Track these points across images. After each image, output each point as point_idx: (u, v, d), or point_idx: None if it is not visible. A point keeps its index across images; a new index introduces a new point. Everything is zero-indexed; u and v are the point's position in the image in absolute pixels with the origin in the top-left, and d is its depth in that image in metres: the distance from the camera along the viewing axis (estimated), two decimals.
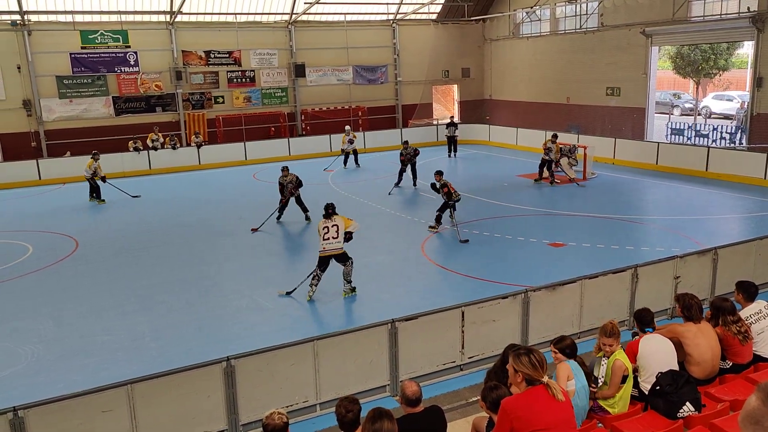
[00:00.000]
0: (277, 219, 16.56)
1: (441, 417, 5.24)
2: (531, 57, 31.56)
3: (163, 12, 27.07)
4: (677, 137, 27.43)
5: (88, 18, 26.22)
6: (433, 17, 33.48)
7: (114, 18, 26.43)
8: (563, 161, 20.60)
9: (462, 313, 8.04)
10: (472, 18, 32.95)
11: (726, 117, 33.76)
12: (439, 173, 15.22)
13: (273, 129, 30.39)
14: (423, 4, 31.98)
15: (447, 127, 27.08)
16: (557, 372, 5.55)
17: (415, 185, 20.47)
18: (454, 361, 8.15)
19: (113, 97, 27.13)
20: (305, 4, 28.76)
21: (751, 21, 21.46)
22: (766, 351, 6.62)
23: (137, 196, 20.56)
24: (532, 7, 29.70)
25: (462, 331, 8.08)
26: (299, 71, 30.21)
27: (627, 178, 21.00)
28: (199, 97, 28.82)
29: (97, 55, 26.59)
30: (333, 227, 10.80)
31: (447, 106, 36.32)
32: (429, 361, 7.98)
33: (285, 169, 16.44)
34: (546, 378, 4.65)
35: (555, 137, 20.68)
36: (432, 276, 12.43)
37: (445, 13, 33.35)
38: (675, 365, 5.97)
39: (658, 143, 22.94)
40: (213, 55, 28.77)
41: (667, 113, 35.55)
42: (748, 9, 21.56)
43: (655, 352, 5.96)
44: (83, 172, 20.13)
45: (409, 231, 15.42)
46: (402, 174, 20.63)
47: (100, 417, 6.28)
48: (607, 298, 9.15)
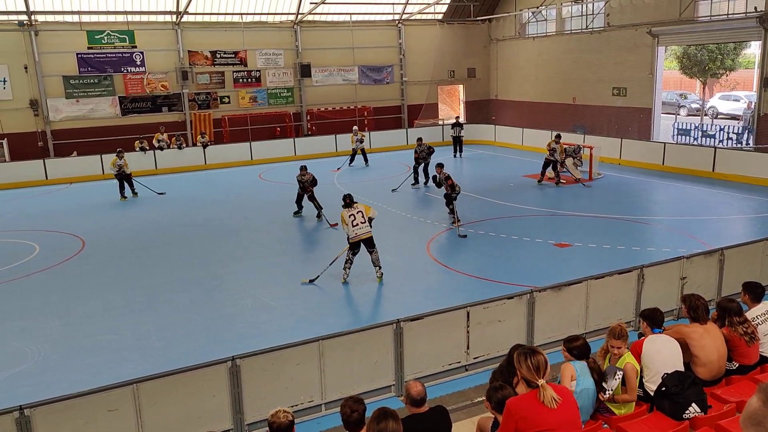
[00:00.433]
0: (295, 213, 17.01)
1: (446, 417, 5.23)
2: (537, 57, 31.51)
3: (170, 12, 27.17)
4: (684, 137, 27.35)
5: (94, 18, 26.32)
6: (439, 17, 33.46)
7: (120, 18, 26.53)
8: (568, 161, 20.56)
9: (467, 314, 8.03)
10: (477, 18, 32.92)
11: (733, 117, 33.64)
12: (440, 165, 15.96)
13: (279, 129, 30.43)
14: (429, 4, 31.97)
15: (453, 128, 27.07)
16: (561, 372, 5.53)
17: (426, 184, 20.50)
18: (459, 362, 8.14)
19: (119, 97, 27.24)
20: (311, 4, 28.78)
21: (759, 21, 21.37)
22: None
23: (162, 193, 20.84)
24: (538, 7, 29.63)
25: (467, 332, 8.08)
26: (305, 71, 30.26)
27: (633, 178, 20.93)
28: (205, 97, 28.89)
29: (104, 55, 26.70)
30: (358, 214, 11.47)
31: (453, 106, 36.30)
32: (434, 362, 7.97)
33: (303, 168, 16.79)
34: (542, 381, 4.62)
35: (558, 137, 20.63)
36: (437, 276, 12.41)
37: (451, 13, 33.33)
38: (680, 366, 5.94)
39: (664, 143, 22.87)
40: (219, 55, 28.84)
41: (674, 113, 35.45)
42: (755, 9, 21.46)
43: (659, 351, 5.93)
44: (110, 170, 20.72)
45: (415, 231, 15.40)
46: (417, 172, 20.78)
47: (105, 416, 6.29)
48: (613, 298, 9.13)
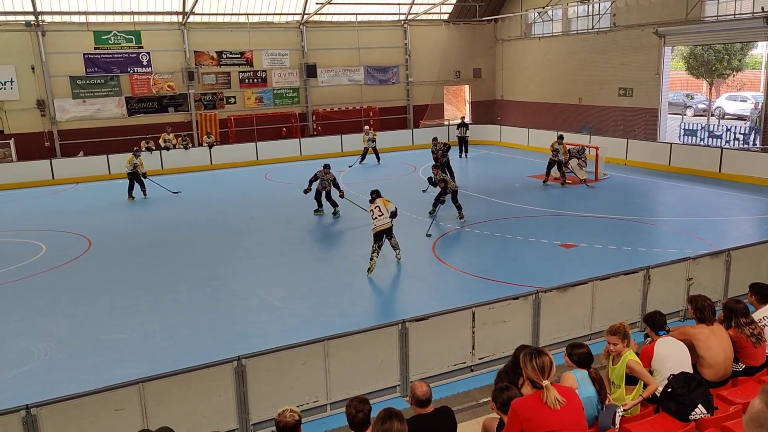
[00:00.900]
0: (315, 211, 17.30)
1: (451, 418, 5.22)
2: (543, 57, 31.46)
3: (176, 12, 27.24)
4: (690, 138, 27.27)
5: (101, 19, 26.42)
6: (445, 17, 33.45)
7: (127, 18, 26.62)
8: (573, 162, 20.51)
9: (473, 314, 8.02)
10: (483, 18, 32.89)
11: (739, 118, 33.50)
12: (436, 167, 16.54)
13: (284, 129, 30.48)
14: (434, 4, 31.96)
15: (458, 128, 27.08)
16: (561, 380, 5.46)
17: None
18: (464, 362, 8.13)
19: (126, 98, 27.32)
20: (317, 4, 28.80)
21: (766, 21, 21.28)
22: None
23: (178, 192, 20.91)
24: (543, 8, 29.59)
25: (473, 332, 8.07)
26: (311, 71, 30.29)
27: (639, 179, 20.87)
28: (211, 98, 28.95)
29: (110, 56, 26.79)
30: (376, 208, 12.68)
31: (458, 106, 36.26)
32: (439, 362, 7.97)
33: (327, 167, 17.11)
34: (546, 382, 4.61)
35: (561, 138, 20.62)
36: (443, 276, 12.40)
37: (457, 14, 33.31)
38: (689, 368, 5.93)
39: (670, 144, 22.79)
40: (225, 56, 28.90)
41: (680, 114, 35.34)
42: (762, 9, 21.37)
43: (671, 355, 5.90)
44: (123, 168, 20.58)
45: (421, 231, 15.39)
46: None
47: (111, 415, 6.31)
48: (619, 299, 9.10)
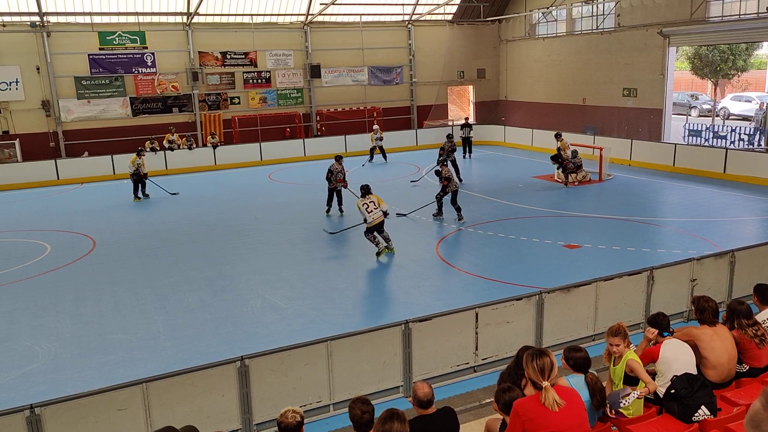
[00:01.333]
0: (327, 212, 17.39)
1: (454, 418, 5.23)
2: (547, 58, 31.41)
3: (180, 13, 27.30)
4: (695, 138, 27.18)
5: (106, 19, 26.50)
6: (449, 18, 33.43)
7: (132, 19, 26.70)
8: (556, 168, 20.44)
9: (476, 315, 8.02)
10: (487, 18, 32.86)
11: (744, 118, 33.37)
12: (445, 165, 16.99)
13: (288, 130, 30.51)
14: (438, 4, 31.96)
15: (462, 128, 27.07)
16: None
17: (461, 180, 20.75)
18: (467, 363, 8.13)
19: (130, 98, 27.40)
20: (321, 4, 28.84)
21: None
22: None
23: (176, 193, 20.98)
24: (548, 8, 29.55)
25: (476, 333, 8.06)
26: (314, 72, 30.32)
27: (643, 179, 20.83)
28: (215, 98, 29.00)
29: (115, 56, 26.86)
30: (371, 203, 13.31)
31: (462, 107, 36.25)
32: (442, 363, 7.97)
33: (339, 159, 17.39)
34: (546, 384, 4.61)
35: (558, 135, 20.57)
36: (446, 277, 12.40)
37: (461, 14, 33.29)
38: (694, 370, 5.92)
39: (675, 144, 22.74)
40: (229, 56, 28.94)
41: (685, 114, 35.24)
42: (767, 9, 21.32)
43: (677, 357, 5.89)
44: (127, 168, 20.53)
45: (424, 232, 15.40)
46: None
47: (115, 415, 6.34)
48: (623, 300, 9.09)
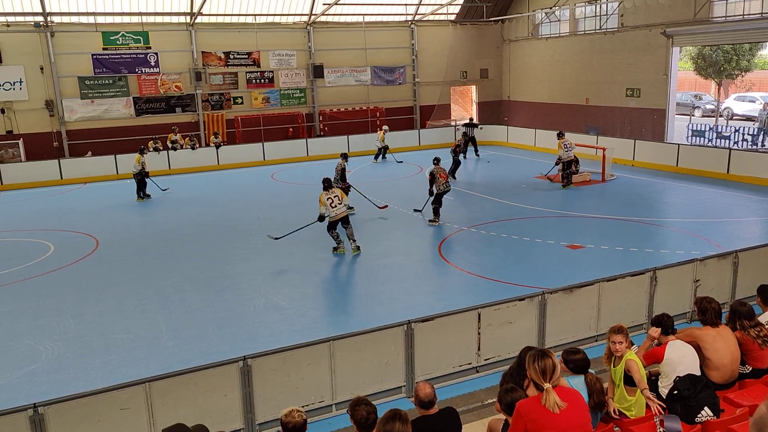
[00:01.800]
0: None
1: (456, 419, 5.22)
2: (550, 58, 31.38)
3: (184, 13, 27.33)
4: (698, 139, 27.13)
5: (109, 19, 26.55)
6: (452, 18, 33.41)
7: (135, 19, 26.74)
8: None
9: (478, 315, 8.02)
10: (490, 19, 32.85)
11: (748, 118, 33.30)
12: (436, 160, 16.71)
13: (291, 130, 30.53)
14: (441, 5, 31.94)
15: (467, 127, 27.10)
16: None
17: (454, 177, 21.22)
18: (470, 363, 8.13)
19: (134, 98, 27.43)
20: (324, 5, 28.86)
21: None
22: None
23: (166, 189, 21.08)
24: (551, 8, 29.53)
25: (478, 333, 8.06)
26: (317, 72, 30.33)
27: (646, 179, 20.80)
28: (218, 98, 29.03)
29: (119, 56, 26.90)
30: (335, 197, 13.32)
31: (465, 107, 36.23)
32: (445, 363, 7.96)
33: (345, 157, 17.65)
34: (547, 385, 4.61)
35: (560, 135, 20.51)
36: (449, 277, 12.40)
37: (464, 14, 33.27)
38: (698, 371, 5.91)
39: (678, 145, 22.68)
40: (232, 56, 28.97)
41: (688, 115, 35.17)
42: None
43: (682, 358, 5.87)
44: (131, 168, 20.46)
45: (426, 232, 15.41)
46: (457, 162, 21.86)
47: (118, 414, 6.35)
48: (626, 300, 9.08)
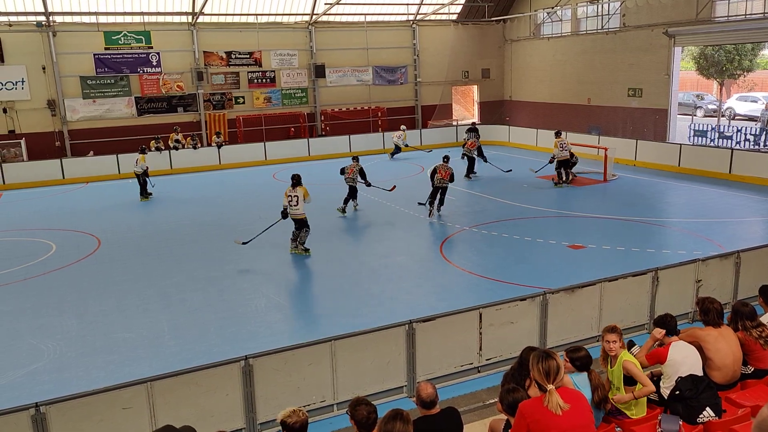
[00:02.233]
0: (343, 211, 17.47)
1: (457, 419, 5.22)
2: (551, 58, 31.36)
3: (185, 13, 27.35)
4: (700, 139, 27.10)
5: (111, 19, 26.57)
6: (454, 18, 33.40)
7: (137, 19, 26.76)
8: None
9: (480, 315, 8.02)
10: (492, 18, 32.83)
11: (750, 118, 33.28)
12: (445, 158, 16.95)
13: (293, 129, 30.54)
14: (443, 4, 31.93)
15: (468, 133, 27.06)
16: None
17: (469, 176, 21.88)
18: (471, 363, 8.13)
19: (135, 98, 27.45)
20: (326, 4, 28.84)
21: None
22: None
23: (153, 185, 20.82)
24: (553, 8, 29.51)
25: (480, 333, 8.06)
26: (319, 72, 30.33)
27: (648, 179, 20.78)
28: (220, 98, 29.05)
29: (120, 56, 26.92)
30: (294, 197, 13.19)
31: (467, 107, 36.21)
32: (446, 363, 7.97)
33: (356, 159, 17.94)
34: (550, 387, 4.60)
35: (557, 133, 20.47)
36: (450, 277, 12.40)
37: (466, 14, 33.26)
38: (700, 372, 5.90)
39: (680, 145, 22.66)
40: (234, 56, 28.99)
41: (690, 115, 35.15)
42: None
43: (685, 359, 5.87)
44: (134, 168, 20.32)
45: (427, 231, 15.41)
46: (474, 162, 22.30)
47: (119, 414, 6.36)
48: (627, 301, 9.07)
